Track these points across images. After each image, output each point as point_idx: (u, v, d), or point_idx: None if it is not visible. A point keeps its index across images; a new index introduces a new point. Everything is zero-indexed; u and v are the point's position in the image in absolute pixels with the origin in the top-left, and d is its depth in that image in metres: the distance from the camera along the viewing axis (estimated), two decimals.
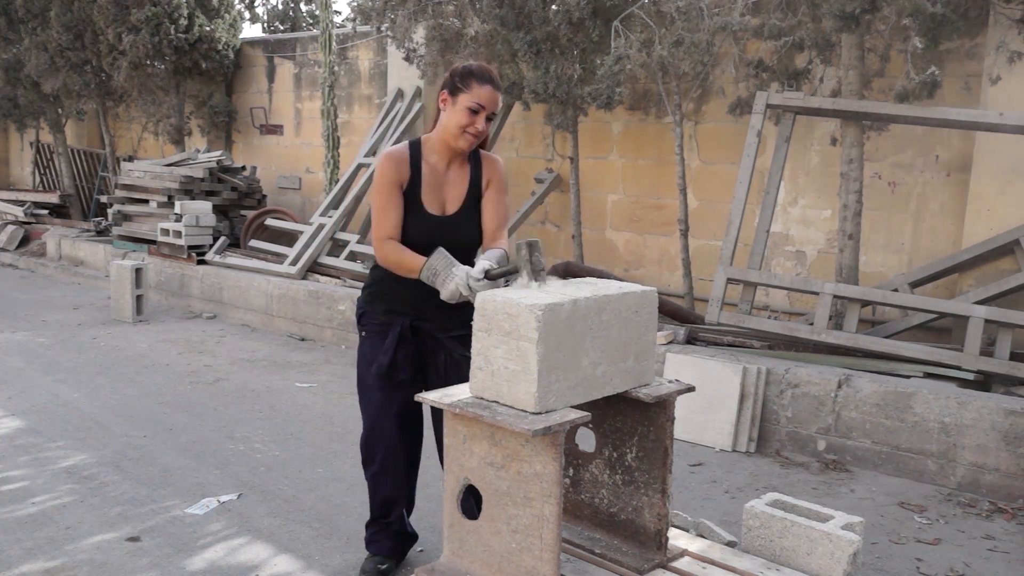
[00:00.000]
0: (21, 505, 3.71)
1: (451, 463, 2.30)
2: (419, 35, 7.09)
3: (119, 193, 9.69)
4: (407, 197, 2.85)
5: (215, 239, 8.64)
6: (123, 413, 5.04)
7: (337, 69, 9.54)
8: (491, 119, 2.83)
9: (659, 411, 2.42)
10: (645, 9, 5.77)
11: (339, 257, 7.74)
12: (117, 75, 10.31)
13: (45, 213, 12.05)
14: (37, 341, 6.84)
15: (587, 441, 2.62)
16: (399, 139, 8.05)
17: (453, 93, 2.80)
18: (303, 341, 7.12)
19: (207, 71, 10.63)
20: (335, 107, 9.06)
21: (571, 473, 2.67)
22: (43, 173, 14.11)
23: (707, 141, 6.88)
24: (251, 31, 24.30)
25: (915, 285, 5.44)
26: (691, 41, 5.45)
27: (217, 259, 8.32)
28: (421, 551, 3.33)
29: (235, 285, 7.84)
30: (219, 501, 3.79)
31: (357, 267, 7.48)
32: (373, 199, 2.87)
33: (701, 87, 6.48)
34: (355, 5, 7.26)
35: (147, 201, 9.33)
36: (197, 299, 8.24)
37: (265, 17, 18.36)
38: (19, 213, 11.84)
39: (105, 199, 10.59)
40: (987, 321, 4.56)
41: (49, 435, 4.62)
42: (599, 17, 5.99)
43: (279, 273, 7.69)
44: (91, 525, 3.52)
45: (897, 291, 5.25)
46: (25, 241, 11.44)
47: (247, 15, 17.17)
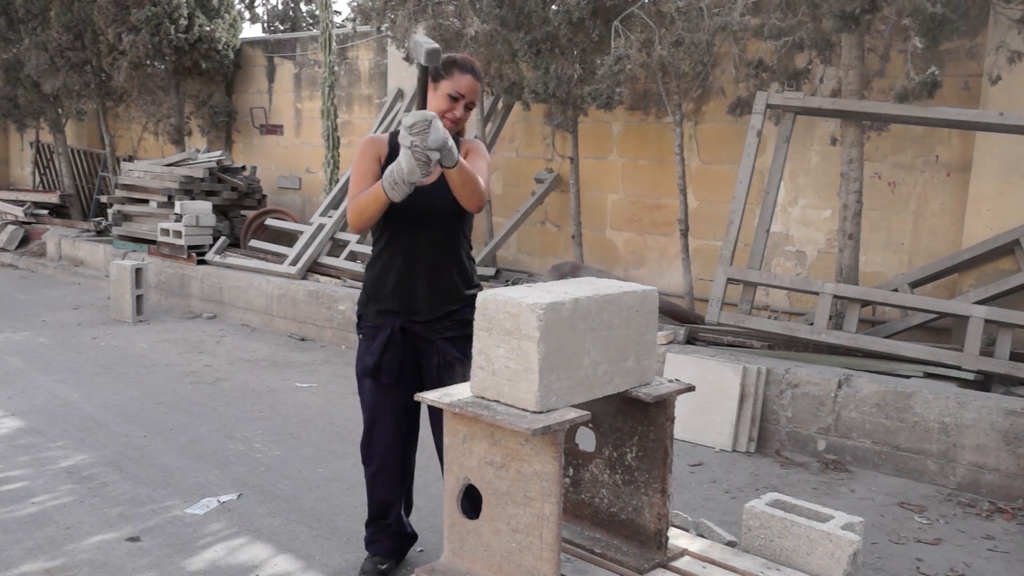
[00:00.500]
0: (21, 505, 3.71)
1: (451, 463, 2.30)
2: (419, 35, 7.08)
3: (119, 193, 9.69)
4: (385, 170, 2.84)
5: (215, 239, 8.64)
6: (123, 413, 5.04)
7: (337, 69, 9.54)
8: (470, 107, 2.91)
9: (659, 411, 2.42)
10: (645, 9, 5.77)
11: (339, 257, 7.75)
12: (117, 75, 10.32)
13: (45, 213, 12.05)
14: (37, 341, 6.84)
15: (587, 441, 2.62)
16: None
17: (435, 80, 2.87)
18: (303, 341, 7.12)
19: (207, 71, 10.63)
20: (335, 107, 9.06)
21: (571, 473, 2.67)
22: (43, 173, 14.10)
23: (707, 141, 6.88)
24: (251, 31, 24.31)
25: (915, 285, 5.44)
26: (691, 41, 5.45)
27: (217, 259, 8.32)
28: (421, 551, 3.34)
29: (235, 285, 7.84)
30: (219, 501, 3.79)
31: (357, 267, 7.48)
32: (352, 168, 2.91)
33: (701, 87, 6.48)
34: (355, 5, 7.26)
35: (147, 201, 9.34)
36: (197, 299, 8.24)
37: (265, 17, 18.37)
38: (19, 213, 11.84)
39: (105, 199, 10.59)
40: (987, 321, 4.56)
41: (49, 435, 4.62)
42: (599, 17, 5.98)
43: (279, 273, 7.69)
44: (91, 525, 3.52)
45: (897, 291, 5.25)
46: (25, 241, 11.44)
47: (247, 15, 17.17)
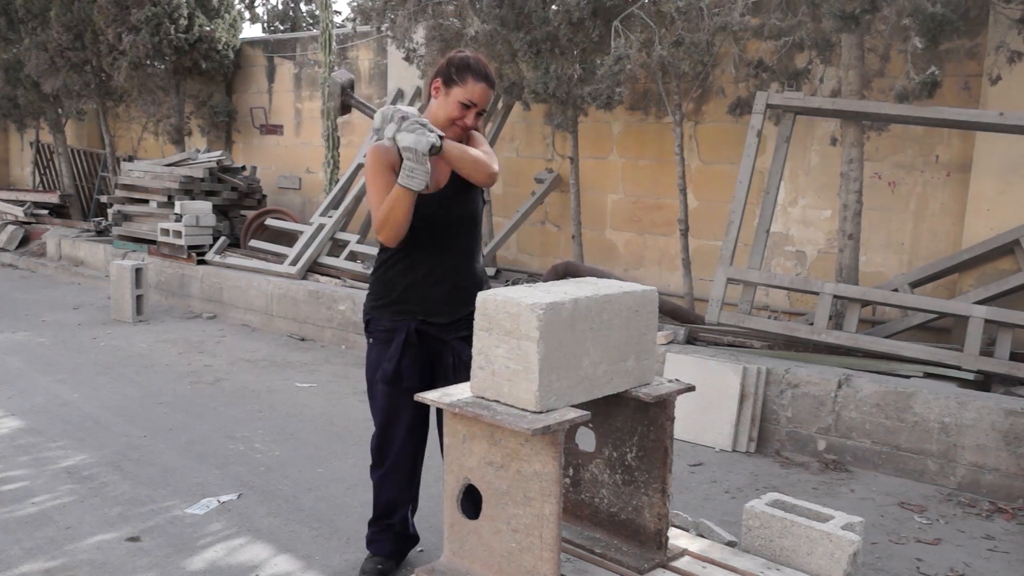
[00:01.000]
0: (21, 505, 3.71)
1: (451, 463, 2.30)
2: (419, 35, 7.09)
3: (119, 193, 9.69)
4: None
5: (215, 239, 8.64)
6: (123, 413, 5.03)
7: (337, 69, 9.53)
8: (481, 115, 2.83)
9: (659, 411, 2.42)
10: (645, 9, 5.76)
11: (339, 257, 7.74)
12: (117, 75, 10.31)
13: (45, 213, 12.05)
14: (37, 341, 6.84)
15: (587, 441, 2.62)
16: None
17: (447, 84, 2.78)
18: (303, 341, 7.12)
19: (207, 71, 10.63)
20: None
21: (571, 473, 2.67)
22: (43, 173, 14.10)
23: (707, 141, 6.88)
24: (251, 31, 24.28)
25: (915, 285, 5.44)
26: (691, 41, 5.45)
27: (217, 259, 8.32)
28: (421, 551, 3.33)
29: (235, 285, 7.84)
30: (219, 501, 3.79)
31: (357, 267, 7.48)
32: (368, 185, 2.83)
33: (701, 87, 6.49)
34: (355, 5, 7.26)
35: (147, 201, 9.33)
36: (197, 299, 8.24)
37: (265, 17, 18.37)
38: (19, 213, 11.84)
39: (105, 199, 10.59)
40: (987, 321, 4.56)
41: (49, 435, 4.62)
42: (599, 17, 5.98)
43: (279, 273, 7.69)
44: (91, 525, 3.52)
45: (897, 291, 5.25)
46: (25, 241, 11.44)
47: (247, 15, 17.18)
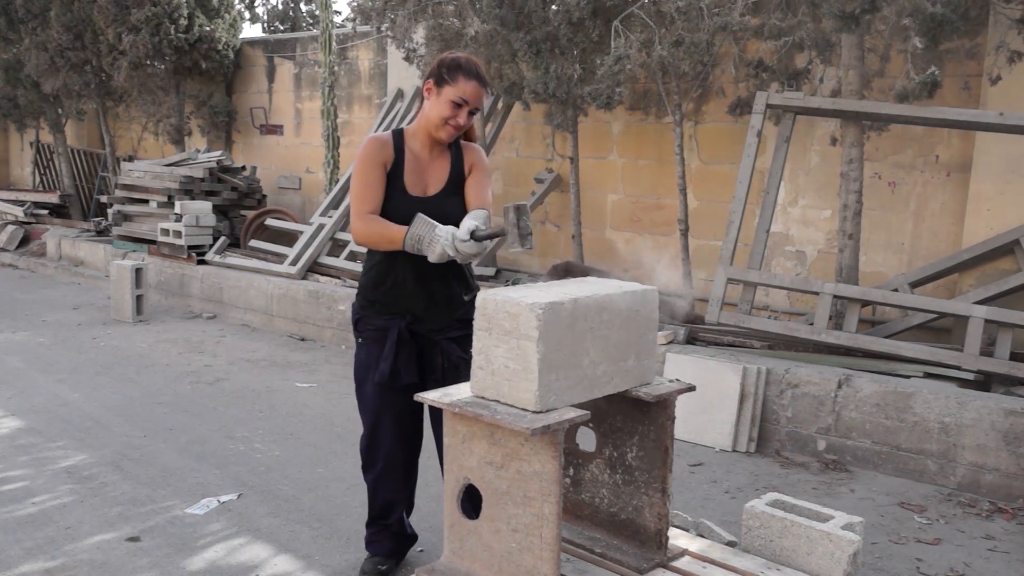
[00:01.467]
0: (21, 505, 3.70)
1: (451, 463, 2.30)
2: (419, 35, 7.09)
3: (119, 193, 9.69)
4: (390, 179, 2.83)
5: (215, 239, 8.64)
6: (123, 413, 5.03)
7: (337, 69, 9.53)
8: (474, 113, 2.82)
9: (660, 410, 2.41)
10: (645, 9, 5.76)
11: (339, 257, 7.75)
12: (117, 75, 10.31)
13: (45, 213, 12.05)
14: (37, 341, 6.84)
15: (587, 440, 2.62)
16: None
17: (439, 84, 2.78)
18: (303, 341, 7.12)
19: (207, 71, 10.63)
20: (335, 107, 9.06)
21: (571, 472, 2.67)
22: (43, 173, 14.10)
23: (707, 141, 6.88)
24: (251, 31, 24.32)
25: (915, 285, 5.44)
26: (691, 41, 5.45)
27: (217, 259, 8.32)
28: (421, 551, 3.33)
29: (235, 285, 7.84)
30: (219, 501, 3.79)
31: (357, 267, 7.48)
32: (355, 176, 2.82)
33: (701, 87, 6.48)
34: (355, 5, 7.26)
35: (147, 201, 9.33)
36: (197, 299, 8.24)
37: (265, 17, 18.38)
38: (19, 213, 11.84)
39: (105, 199, 10.59)
40: (987, 321, 4.56)
41: (49, 435, 4.62)
42: (599, 17, 5.98)
43: (279, 273, 7.69)
44: (91, 525, 3.52)
45: (897, 291, 5.25)
46: (25, 241, 11.44)
47: (247, 15, 17.19)
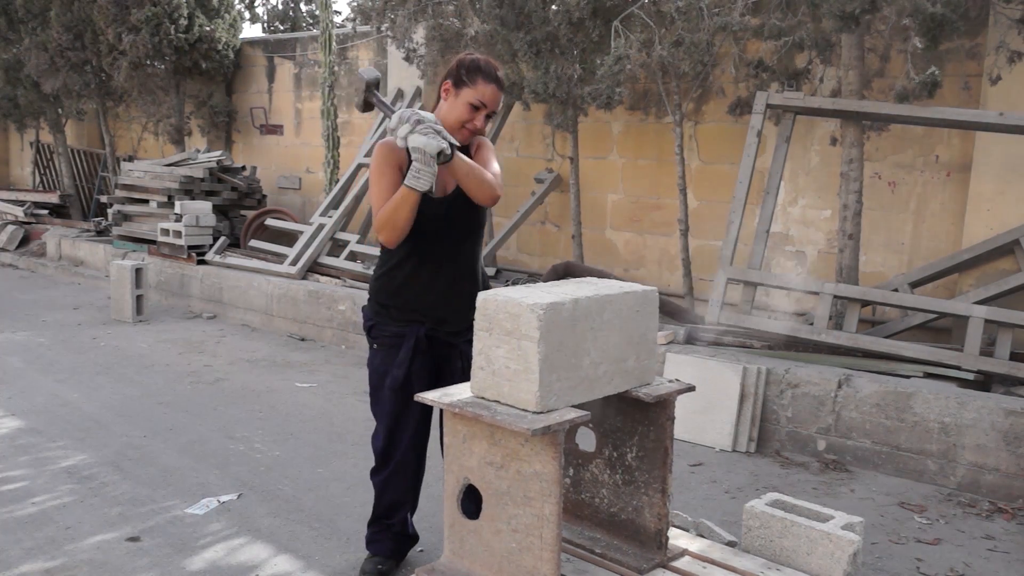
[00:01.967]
0: (21, 505, 3.70)
1: (451, 463, 2.30)
2: (419, 35, 7.09)
3: (119, 193, 9.69)
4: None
5: (215, 239, 8.64)
6: (123, 413, 5.03)
7: (337, 69, 9.54)
8: (490, 117, 2.79)
9: (659, 411, 2.41)
10: (645, 9, 5.76)
11: (339, 257, 7.75)
12: (117, 75, 10.32)
13: (45, 213, 12.05)
14: (37, 341, 6.84)
15: (587, 441, 2.62)
16: None
17: (457, 85, 2.75)
18: (303, 341, 7.12)
19: (207, 71, 10.63)
20: (335, 107, 9.06)
21: (571, 473, 2.67)
22: (43, 173, 14.10)
23: (707, 141, 6.88)
24: (251, 31, 24.31)
25: (915, 285, 5.44)
26: (691, 41, 5.45)
27: (217, 259, 8.32)
28: (421, 551, 3.33)
29: (235, 285, 7.84)
30: (219, 501, 3.79)
31: (357, 267, 7.48)
32: (372, 183, 2.78)
33: (701, 87, 6.48)
34: (355, 5, 7.27)
35: (147, 201, 9.34)
36: (197, 299, 8.24)
37: (265, 17, 18.39)
38: (19, 213, 11.84)
39: (105, 199, 10.59)
40: (987, 321, 4.56)
41: (49, 435, 4.62)
42: (599, 17, 5.98)
43: (279, 273, 7.69)
44: (91, 525, 3.52)
45: (897, 291, 5.25)
46: (25, 241, 11.44)
47: (247, 15, 17.20)
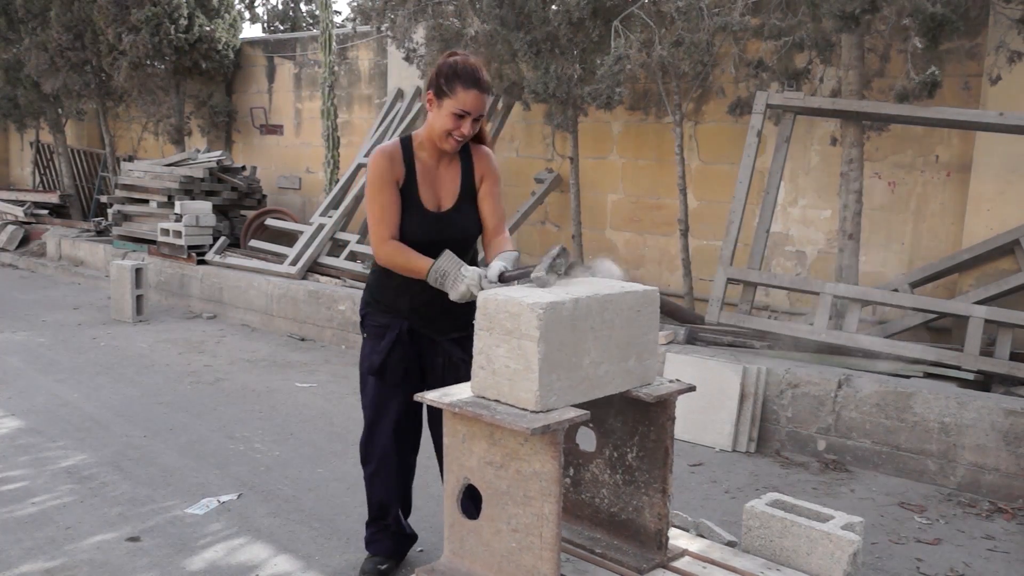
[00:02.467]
0: (21, 505, 3.70)
1: (451, 463, 2.30)
2: (419, 35, 7.09)
3: (119, 193, 9.69)
4: (404, 195, 2.80)
5: (215, 239, 8.64)
6: (123, 413, 5.03)
7: (337, 69, 9.54)
8: (478, 120, 2.76)
9: (660, 411, 2.41)
10: (645, 9, 5.76)
11: (339, 257, 7.74)
12: (117, 75, 10.31)
13: (45, 213, 12.05)
14: (37, 341, 6.84)
15: (588, 441, 2.62)
16: None
17: (439, 96, 2.72)
18: (303, 341, 7.11)
19: (207, 71, 10.63)
20: (335, 107, 9.06)
21: (571, 473, 2.67)
22: (43, 173, 14.10)
23: (707, 141, 6.88)
24: (251, 31, 24.30)
25: (915, 285, 5.44)
26: (691, 41, 5.45)
27: (217, 259, 8.31)
28: (421, 551, 3.33)
29: (235, 285, 7.84)
30: (219, 501, 3.79)
31: (357, 267, 7.48)
32: (370, 198, 2.80)
33: (701, 87, 6.48)
34: (355, 5, 7.26)
35: (147, 201, 9.33)
36: (197, 299, 8.24)
37: (265, 17, 18.40)
38: (19, 213, 11.84)
39: (105, 199, 10.59)
40: (987, 321, 4.56)
41: (49, 435, 4.62)
42: (599, 17, 5.98)
43: (279, 273, 7.69)
44: (91, 525, 3.52)
45: (897, 291, 5.25)
46: (25, 241, 11.44)
47: (247, 15, 17.19)
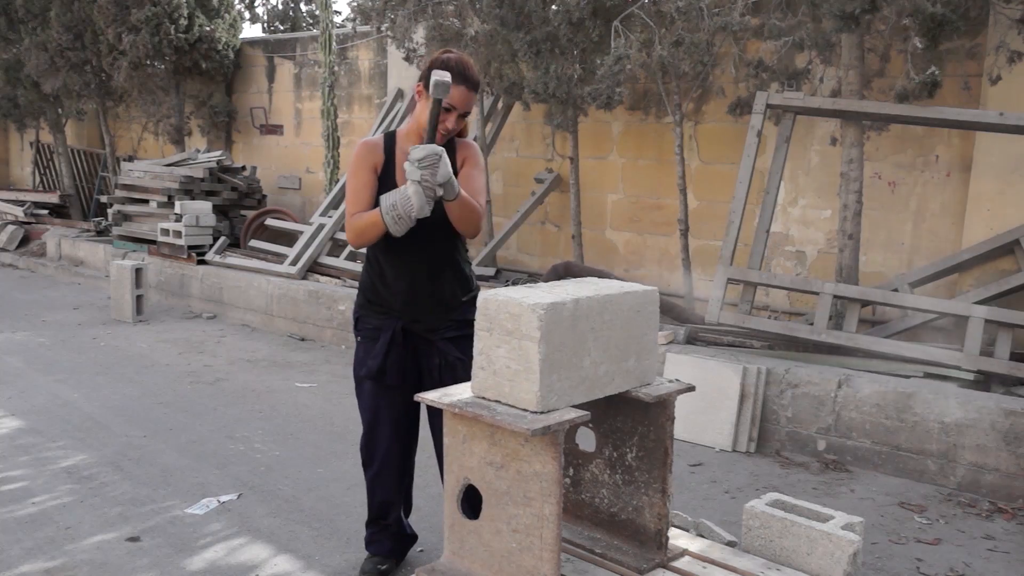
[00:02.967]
0: (21, 505, 3.71)
1: (451, 463, 2.30)
2: (419, 35, 7.09)
3: (119, 193, 9.69)
4: (383, 181, 2.85)
5: (215, 239, 8.64)
6: (123, 413, 5.03)
7: (337, 69, 9.54)
8: (464, 116, 2.81)
9: (659, 411, 2.41)
10: (645, 9, 5.76)
11: (339, 257, 7.75)
12: (117, 75, 10.31)
13: (45, 213, 12.05)
14: (37, 341, 6.84)
15: (587, 441, 2.62)
16: None
17: (428, 88, 2.73)
18: (303, 341, 7.12)
19: (207, 71, 10.63)
20: (335, 107, 9.06)
21: (571, 473, 2.67)
22: (43, 173, 14.10)
23: (707, 141, 6.88)
24: (251, 31, 24.32)
25: (915, 285, 5.44)
26: (691, 41, 5.45)
27: (217, 259, 8.31)
28: (421, 551, 3.34)
29: (235, 285, 7.84)
30: (219, 501, 3.79)
31: (357, 267, 7.48)
32: (348, 178, 2.88)
33: (701, 87, 6.48)
34: (355, 5, 7.26)
35: (147, 201, 9.33)
36: (197, 299, 8.24)
37: (265, 17, 18.40)
38: (19, 213, 11.84)
39: (105, 199, 10.58)
40: (987, 321, 4.56)
41: (49, 435, 4.62)
42: (599, 17, 5.98)
43: (279, 273, 7.69)
44: (91, 525, 3.52)
45: (897, 291, 5.25)
46: (25, 241, 11.44)
47: (247, 15, 17.20)
